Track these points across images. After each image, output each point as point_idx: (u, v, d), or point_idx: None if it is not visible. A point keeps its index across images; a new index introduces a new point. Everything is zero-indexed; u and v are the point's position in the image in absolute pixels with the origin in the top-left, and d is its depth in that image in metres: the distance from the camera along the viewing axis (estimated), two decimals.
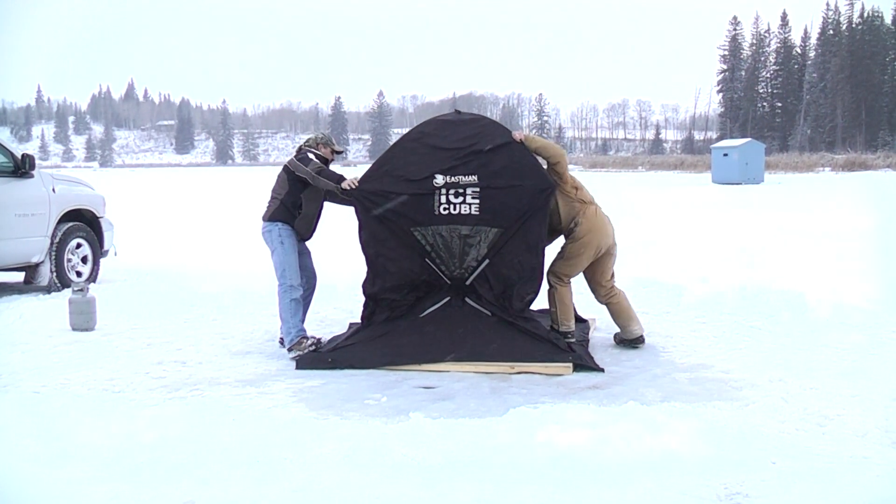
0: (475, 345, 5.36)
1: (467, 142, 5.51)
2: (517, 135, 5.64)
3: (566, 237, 5.81)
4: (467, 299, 5.55)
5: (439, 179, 5.39)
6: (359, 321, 5.87)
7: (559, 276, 5.76)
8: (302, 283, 5.89)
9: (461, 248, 5.47)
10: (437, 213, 5.41)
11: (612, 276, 5.97)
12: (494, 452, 3.56)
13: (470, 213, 5.39)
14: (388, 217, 5.48)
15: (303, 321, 5.87)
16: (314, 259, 6.19)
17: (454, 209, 5.39)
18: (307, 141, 6.13)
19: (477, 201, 5.37)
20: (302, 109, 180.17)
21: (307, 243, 6.08)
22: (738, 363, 5.40)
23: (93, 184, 9.91)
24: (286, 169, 5.88)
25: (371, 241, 5.59)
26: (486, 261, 5.46)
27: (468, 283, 5.53)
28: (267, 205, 5.94)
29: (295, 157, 5.90)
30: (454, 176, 5.39)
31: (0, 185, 8.06)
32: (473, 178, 5.38)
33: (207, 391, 4.91)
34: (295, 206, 5.81)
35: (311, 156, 5.85)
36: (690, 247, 12.15)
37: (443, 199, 5.40)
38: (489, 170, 5.40)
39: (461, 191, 5.39)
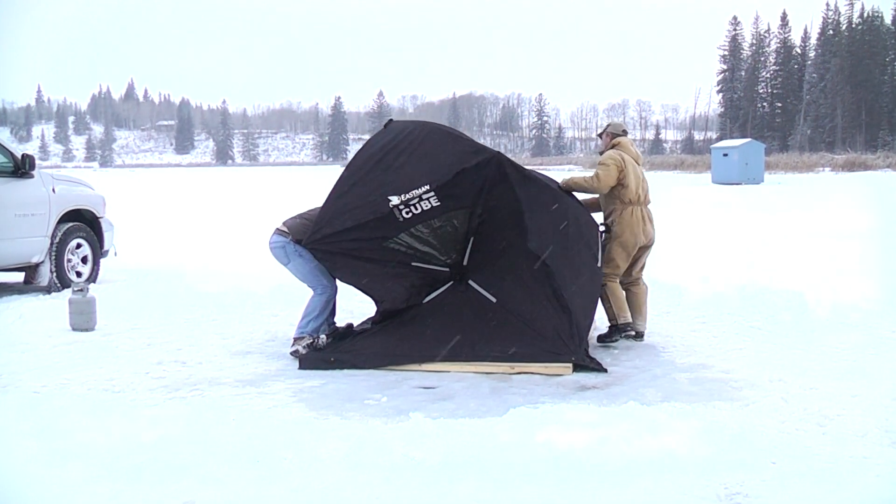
0: (476, 344, 5.36)
1: (407, 158, 5.47)
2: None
3: (605, 233, 6.11)
4: (471, 282, 5.53)
5: (394, 199, 5.32)
6: (363, 320, 5.90)
7: (606, 273, 5.93)
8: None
9: (441, 238, 5.47)
10: (401, 219, 5.36)
11: (643, 267, 6.26)
12: (494, 452, 3.56)
13: (432, 207, 5.36)
14: (349, 250, 5.44)
15: (326, 322, 5.86)
16: None
17: (416, 209, 5.36)
18: None
19: (434, 195, 5.34)
20: (302, 109, 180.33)
21: None
22: (738, 363, 5.40)
23: (93, 184, 9.91)
24: None
25: (351, 276, 5.64)
26: (472, 238, 5.49)
27: (465, 263, 5.53)
28: (297, 220, 5.77)
29: None
30: (407, 193, 5.32)
31: (0, 185, 8.07)
32: (426, 188, 5.32)
33: (207, 391, 4.91)
34: None
35: None
36: (690, 247, 12.15)
37: (402, 207, 5.35)
38: (435, 174, 5.36)
39: (417, 200, 5.35)
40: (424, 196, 5.33)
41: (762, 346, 5.84)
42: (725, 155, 39.78)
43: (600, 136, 6.41)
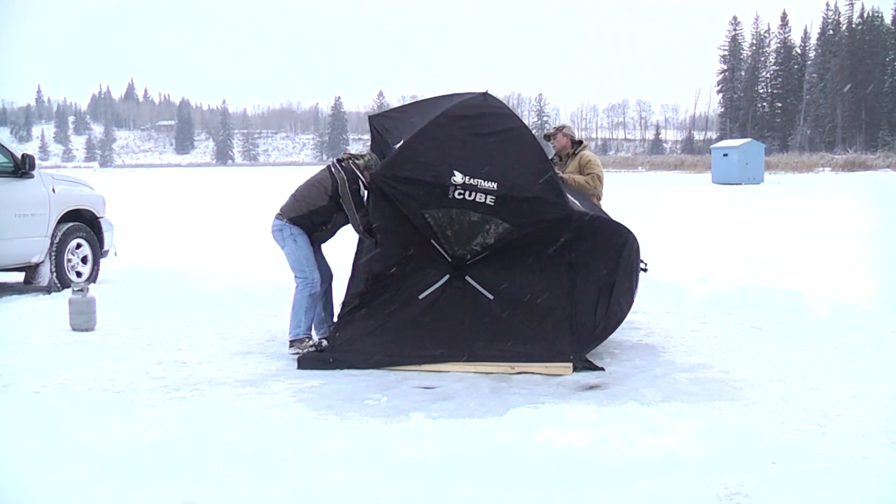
0: (476, 344, 5.36)
1: (492, 143, 5.39)
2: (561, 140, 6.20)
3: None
4: (468, 277, 5.49)
5: (458, 177, 5.24)
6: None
7: None
8: (320, 279, 5.83)
9: (468, 231, 5.39)
10: (449, 196, 5.28)
11: None
12: (494, 452, 3.56)
13: (485, 204, 5.26)
14: (397, 197, 5.41)
15: (316, 319, 5.86)
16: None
17: (469, 195, 5.27)
18: (358, 159, 5.75)
19: (494, 198, 5.25)
20: (302, 109, 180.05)
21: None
22: (738, 363, 5.40)
23: (93, 184, 9.90)
24: (333, 186, 5.64)
25: (380, 217, 5.53)
26: (488, 251, 5.43)
27: (469, 262, 5.49)
28: (290, 200, 5.82)
29: (346, 175, 5.65)
30: (473, 178, 5.23)
31: (0, 185, 8.07)
32: (492, 185, 5.22)
33: (207, 391, 4.91)
34: (321, 223, 5.75)
35: (362, 186, 5.63)
36: (690, 247, 12.14)
37: (460, 188, 5.26)
38: (509, 179, 5.26)
39: (476, 192, 5.26)
40: (487, 192, 5.24)
41: (762, 346, 5.84)
42: (725, 155, 39.82)
43: (548, 137, 6.65)
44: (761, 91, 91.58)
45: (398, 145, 5.58)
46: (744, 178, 37.72)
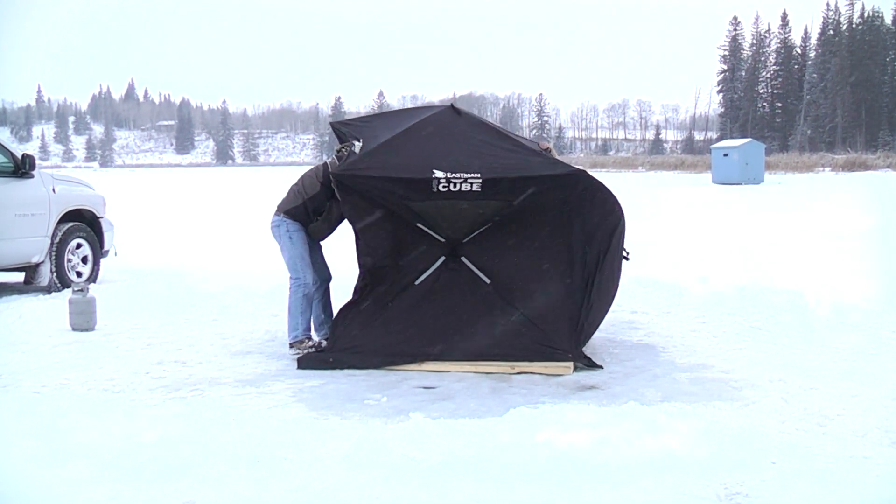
0: (474, 339, 5.33)
1: (468, 143, 5.39)
2: (543, 144, 5.99)
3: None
4: (464, 258, 5.44)
5: (439, 174, 5.16)
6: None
7: None
8: (314, 280, 5.84)
9: (459, 217, 5.34)
10: (434, 190, 5.18)
11: None
12: (494, 452, 3.56)
13: (471, 190, 5.17)
14: (376, 195, 5.34)
15: (313, 319, 5.86)
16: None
17: (454, 186, 5.17)
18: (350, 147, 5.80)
19: (480, 181, 5.16)
20: (302, 109, 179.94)
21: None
22: (738, 363, 5.40)
23: (93, 184, 9.91)
24: (325, 173, 5.67)
25: (354, 213, 5.46)
26: (488, 224, 5.38)
27: (465, 241, 5.44)
28: (286, 195, 5.85)
29: (338, 162, 5.68)
30: (455, 172, 5.15)
31: (0, 185, 8.07)
32: (476, 175, 5.15)
33: (207, 391, 4.91)
34: (316, 211, 5.76)
35: None
36: (690, 247, 12.15)
37: (442, 181, 5.17)
38: (492, 167, 5.20)
39: (460, 181, 5.18)
40: (470, 179, 5.17)
41: (762, 346, 5.84)
42: (726, 155, 39.80)
43: None
44: (761, 91, 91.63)
45: (369, 149, 5.47)
46: (744, 178, 37.71)
